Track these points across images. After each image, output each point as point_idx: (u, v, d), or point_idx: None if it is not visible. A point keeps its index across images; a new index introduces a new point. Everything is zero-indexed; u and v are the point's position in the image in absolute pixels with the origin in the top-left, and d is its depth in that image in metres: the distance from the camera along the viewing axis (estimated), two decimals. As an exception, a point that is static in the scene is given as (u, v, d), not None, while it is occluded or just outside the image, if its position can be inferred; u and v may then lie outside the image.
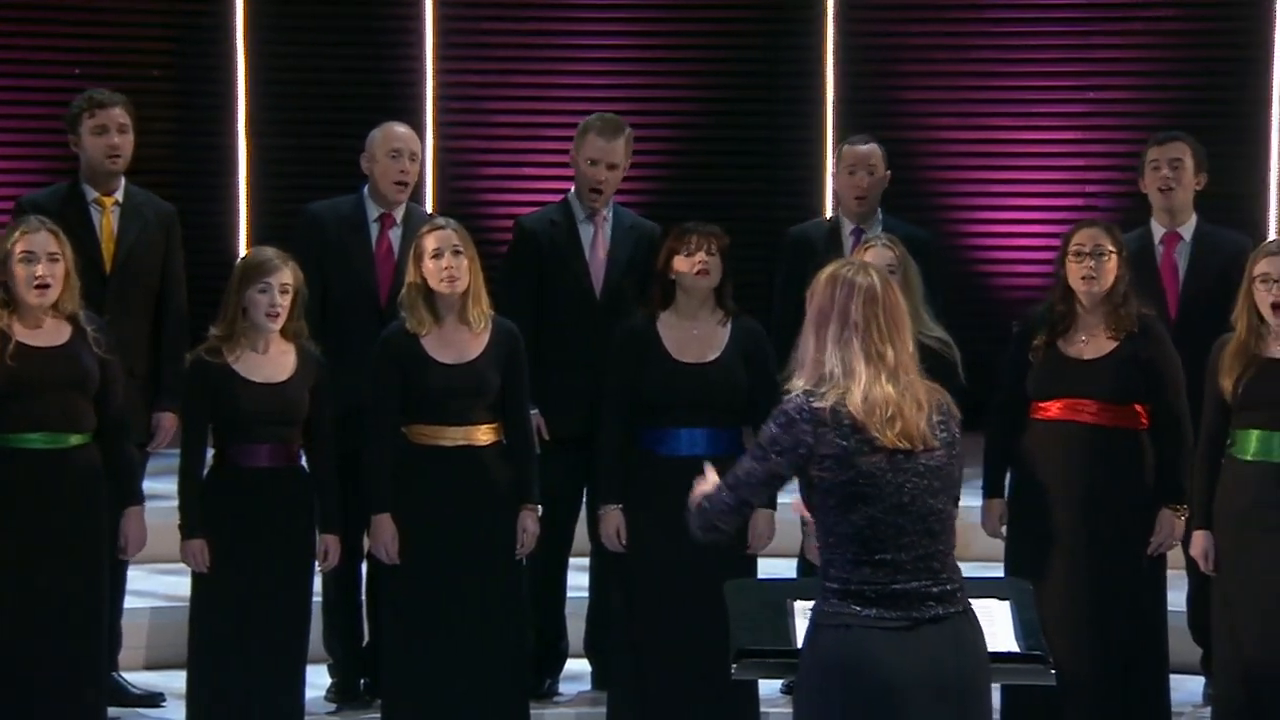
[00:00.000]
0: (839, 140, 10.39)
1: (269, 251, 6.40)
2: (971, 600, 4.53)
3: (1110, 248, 6.45)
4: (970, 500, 6.58)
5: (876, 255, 6.46)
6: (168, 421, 6.93)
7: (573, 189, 7.18)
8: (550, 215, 7.20)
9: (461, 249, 6.35)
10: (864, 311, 4.47)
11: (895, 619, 4.40)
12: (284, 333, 6.35)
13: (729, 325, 6.50)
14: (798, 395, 4.48)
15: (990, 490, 6.60)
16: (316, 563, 6.42)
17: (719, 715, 6.37)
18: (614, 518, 6.47)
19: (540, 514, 6.50)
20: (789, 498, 4.65)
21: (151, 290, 7.03)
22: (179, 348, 6.83)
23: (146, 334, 6.99)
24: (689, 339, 6.47)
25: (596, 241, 7.12)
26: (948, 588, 4.45)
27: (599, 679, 7.12)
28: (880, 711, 4.37)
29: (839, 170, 7.36)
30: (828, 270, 4.62)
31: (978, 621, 4.52)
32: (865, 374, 4.42)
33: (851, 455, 4.41)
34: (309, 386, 6.35)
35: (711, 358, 6.45)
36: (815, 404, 4.44)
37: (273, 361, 6.34)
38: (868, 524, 4.42)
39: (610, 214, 7.16)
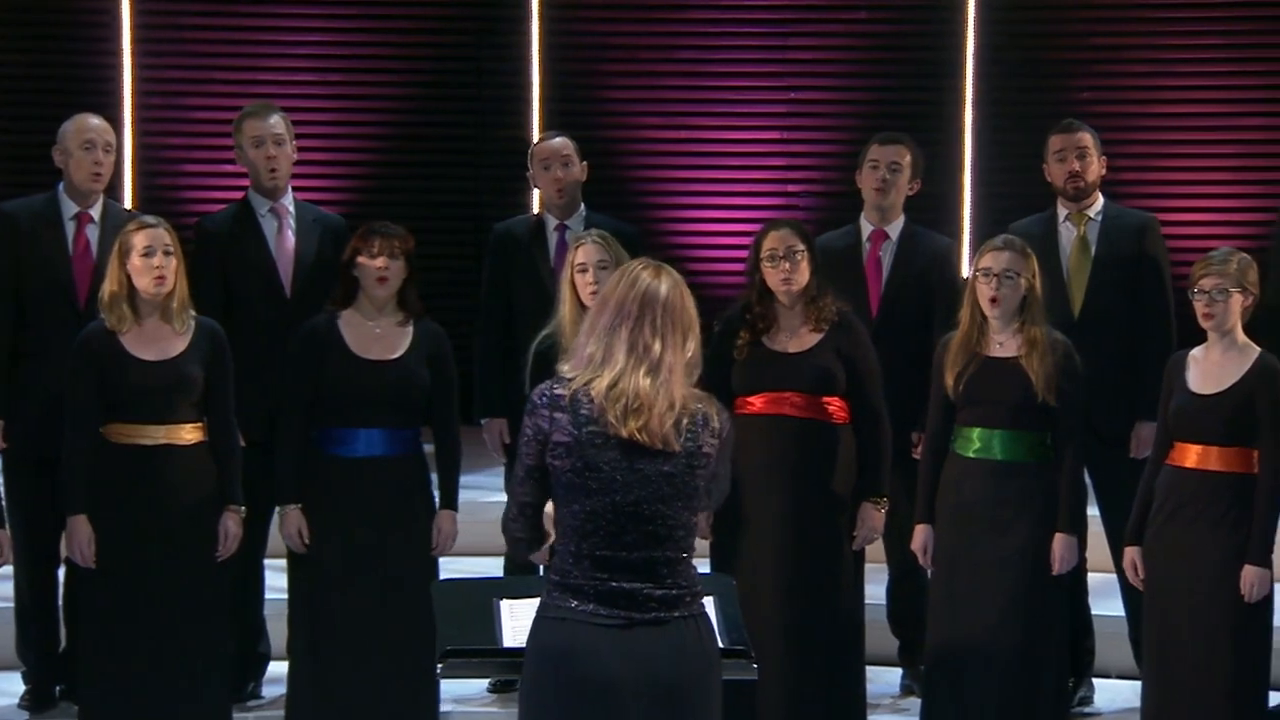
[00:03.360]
0: (545, 139, 10.46)
1: None
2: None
3: (801, 247, 6.54)
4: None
5: (588, 252, 6.48)
6: None
7: (250, 187, 7.11)
8: (231, 214, 7.14)
9: (172, 249, 6.28)
10: (640, 304, 4.42)
11: (610, 616, 4.40)
12: None
13: (411, 326, 6.47)
14: (547, 381, 4.47)
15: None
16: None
17: (399, 716, 6.35)
18: (294, 517, 6.41)
19: (243, 515, 6.42)
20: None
21: None
22: None
23: None
24: (371, 337, 6.44)
25: (282, 236, 7.06)
26: (673, 593, 4.43)
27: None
28: (590, 707, 4.37)
29: (534, 168, 7.38)
30: (626, 263, 4.59)
31: (709, 627, 4.50)
32: (622, 363, 4.39)
33: (582, 445, 4.39)
34: None
35: (393, 356, 6.43)
36: (558, 389, 4.42)
37: None
38: (589, 518, 4.40)
39: (293, 208, 7.11)
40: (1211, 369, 6.20)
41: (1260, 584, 6.12)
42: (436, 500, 6.50)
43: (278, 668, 7.16)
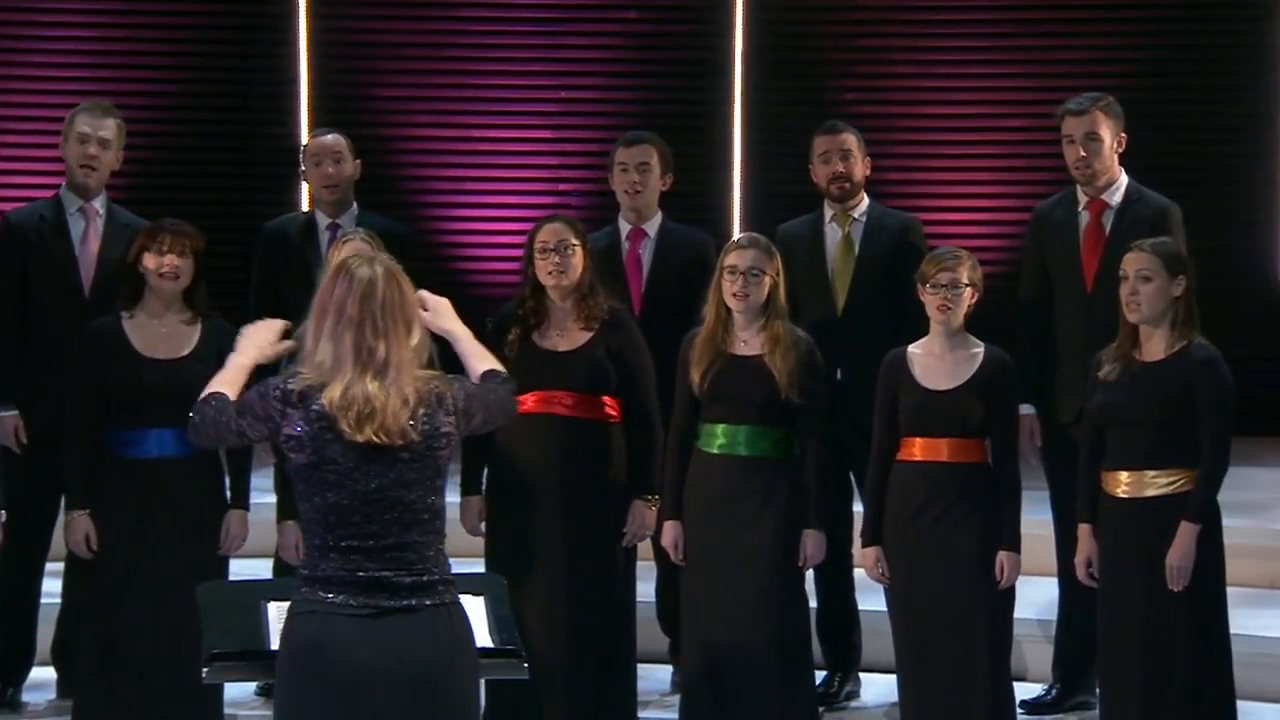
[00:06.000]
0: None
1: None
2: (447, 596, 4.54)
3: (574, 241, 6.58)
4: (452, 496, 6.64)
5: (354, 249, 6.44)
6: None
7: (64, 184, 7.00)
8: (40, 210, 7.06)
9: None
10: (359, 306, 4.43)
11: (360, 606, 4.40)
12: None
13: (199, 324, 6.41)
14: (280, 376, 4.47)
15: (467, 488, 6.65)
16: None
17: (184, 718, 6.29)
18: (81, 524, 6.31)
19: (4, 519, 6.31)
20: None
21: None
22: None
23: None
24: (158, 336, 6.37)
25: (88, 238, 6.97)
26: (423, 579, 4.45)
27: (64, 686, 6.94)
28: (341, 698, 4.37)
29: (306, 165, 7.34)
30: (336, 261, 4.62)
31: (463, 615, 4.52)
32: (350, 371, 4.41)
33: (314, 439, 4.40)
34: None
35: (181, 354, 6.36)
36: (290, 385, 4.43)
37: None
38: (332, 510, 4.42)
39: (104, 210, 7.00)
40: (942, 365, 6.36)
41: (1013, 568, 6.29)
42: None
43: (39, 673, 7.06)
